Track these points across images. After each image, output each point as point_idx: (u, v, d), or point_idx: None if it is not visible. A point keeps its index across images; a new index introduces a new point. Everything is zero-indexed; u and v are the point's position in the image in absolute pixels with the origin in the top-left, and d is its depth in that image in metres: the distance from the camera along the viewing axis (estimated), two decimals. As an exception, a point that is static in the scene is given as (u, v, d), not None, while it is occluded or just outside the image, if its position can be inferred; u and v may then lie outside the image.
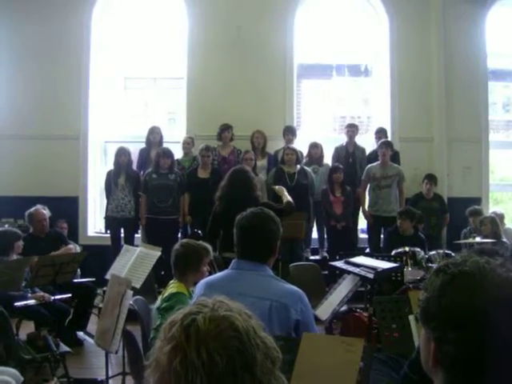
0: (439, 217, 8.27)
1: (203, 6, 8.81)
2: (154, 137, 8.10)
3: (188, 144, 8.21)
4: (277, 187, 6.06)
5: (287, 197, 5.60)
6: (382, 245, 7.63)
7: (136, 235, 7.90)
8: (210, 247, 3.86)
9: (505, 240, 7.48)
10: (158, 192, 7.50)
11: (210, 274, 3.73)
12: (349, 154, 8.41)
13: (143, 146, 8.25)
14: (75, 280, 6.11)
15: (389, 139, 8.36)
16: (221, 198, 5.35)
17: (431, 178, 8.29)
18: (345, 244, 7.51)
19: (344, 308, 4.86)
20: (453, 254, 5.88)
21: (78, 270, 6.60)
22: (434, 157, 8.95)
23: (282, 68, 8.90)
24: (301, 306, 2.60)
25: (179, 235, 7.72)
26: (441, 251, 6.28)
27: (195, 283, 3.22)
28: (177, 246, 3.75)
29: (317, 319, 3.53)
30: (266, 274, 2.74)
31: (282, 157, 7.75)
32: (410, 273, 5.72)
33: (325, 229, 8.20)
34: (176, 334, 1.14)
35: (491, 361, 1.11)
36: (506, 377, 1.12)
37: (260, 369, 1.13)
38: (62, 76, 8.68)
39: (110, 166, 8.00)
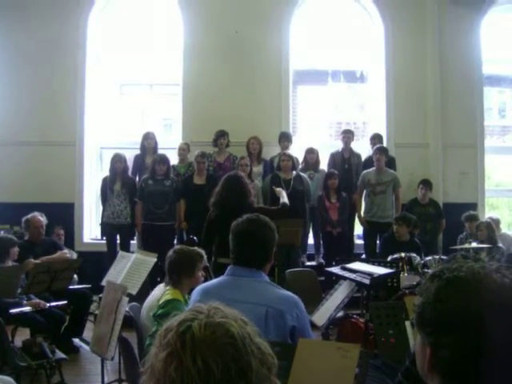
0: (435, 222, 8.26)
1: (198, 12, 8.82)
2: (149, 143, 8.09)
3: (183, 150, 8.19)
4: (277, 189, 6.11)
5: (284, 198, 5.63)
6: (378, 250, 7.64)
7: (132, 241, 7.89)
8: (203, 252, 3.86)
9: (501, 245, 7.50)
10: (153, 198, 7.48)
11: (206, 280, 3.73)
12: (344, 160, 8.41)
13: (139, 152, 8.25)
14: (71, 287, 6.10)
15: (384, 145, 8.37)
16: (215, 204, 5.34)
17: (426, 184, 8.28)
18: (341, 250, 7.52)
19: (340, 314, 4.86)
20: (449, 260, 5.90)
21: (76, 277, 6.60)
22: (429, 162, 8.96)
23: (278, 74, 8.90)
24: (297, 312, 2.59)
25: (175, 241, 7.71)
26: (437, 257, 6.29)
27: (191, 289, 3.21)
28: (170, 252, 3.75)
29: (313, 325, 3.53)
30: (262, 280, 2.73)
31: (278, 163, 7.75)
32: (407, 278, 5.73)
33: (321, 235, 8.20)
34: (171, 341, 1.13)
35: (486, 366, 1.11)
36: (501, 382, 1.12)
37: (256, 375, 1.13)
38: (58, 82, 8.67)
39: (106, 172, 7.99)
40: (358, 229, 8.57)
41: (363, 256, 7.88)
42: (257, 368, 1.14)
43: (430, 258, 6.24)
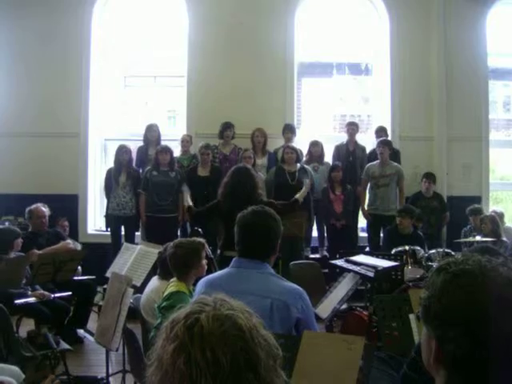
0: (439, 215, 8.25)
1: (203, 3, 8.80)
2: (152, 135, 8.08)
3: (186, 142, 8.18)
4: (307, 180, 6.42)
5: (302, 190, 5.77)
6: (381, 243, 7.64)
7: (136, 233, 7.89)
8: (204, 240, 3.87)
9: (505, 239, 7.48)
10: (158, 189, 7.47)
11: (210, 272, 3.73)
12: (349, 153, 8.39)
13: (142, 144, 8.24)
14: (75, 278, 6.12)
15: (389, 138, 8.35)
16: (225, 196, 5.34)
17: (429, 177, 8.28)
18: (345, 242, 7.52)
19: (344, 306, 4.87)
20: (453, 253, 5.91)
21: (80, 268, 6.62)
22: (434, 155, 8.94)
23: (283, 66, 8.88)
24: (301, 304, 2.60)
25: (179, 233, 7.72)
26: (440, 250, 6.28)
27: (197, 279, 3.22)
28: (173, 248, 3.71)
29: (317, 317, 3.54)
30: (267, 271, 2.73)
31: (282, 155, 7.74)
32: (410, 271, 5.73)
33: (325, 227, 8.20)
34: (179, 334, 1.13)
35: (492, 359, 1.11)
36: (507, 375, 1.12)
37: (264, 367, 1.13)
38: (62, 74, 8.67)
39: (110, 164, 8.00)
40: (363, 221, 8.57)
41: (367, 249, 7.88)
42: (264, 359, 1.14)
43: (433, 251, 6.23)
